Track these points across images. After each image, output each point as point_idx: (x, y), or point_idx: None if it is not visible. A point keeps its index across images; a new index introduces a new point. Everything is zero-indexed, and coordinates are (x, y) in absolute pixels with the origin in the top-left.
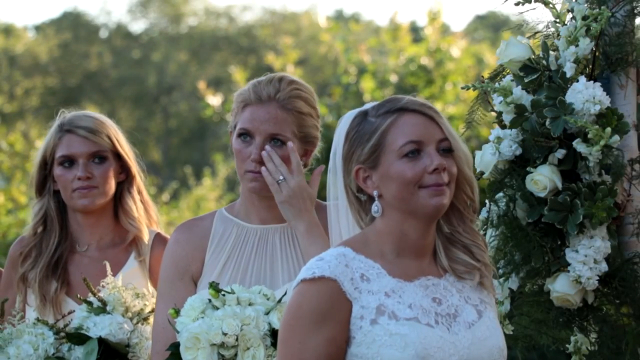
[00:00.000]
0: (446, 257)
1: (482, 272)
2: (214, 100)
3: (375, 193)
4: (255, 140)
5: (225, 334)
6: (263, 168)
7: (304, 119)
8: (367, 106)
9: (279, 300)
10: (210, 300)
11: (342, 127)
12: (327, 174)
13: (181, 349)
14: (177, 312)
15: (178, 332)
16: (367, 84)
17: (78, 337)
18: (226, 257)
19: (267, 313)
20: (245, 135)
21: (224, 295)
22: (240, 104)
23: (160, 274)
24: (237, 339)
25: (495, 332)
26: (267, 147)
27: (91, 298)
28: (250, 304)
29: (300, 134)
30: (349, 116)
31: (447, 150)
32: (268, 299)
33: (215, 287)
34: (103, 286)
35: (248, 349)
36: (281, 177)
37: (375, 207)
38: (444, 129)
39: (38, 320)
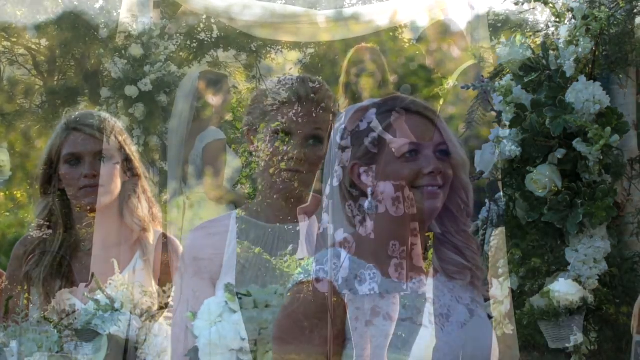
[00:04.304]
0: (437, 257)
1: (473, 272)
2: (214, 100)
3: (369, 190)
4: (294, 139)
5: (243, 339)
6: None
7: (330, 116)
8: (367, 102)
9: None
10: (227, 303)
11: (341, 121)
12: (324, 168)
13: (200, 354)
14: (194, 315)
15: (196, 336)
16: (367, 84)
17: (87, 334)
18: (245, 257)
19: None
20: (283, 134)
21: (240, 298)
22: (274, 104)
23: (177, 277)
24: (255, 344)
25: (487, 331)
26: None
27: (98, 295)
28: (267, 306)
29: (327, 132)
30: (349, 111)
31: (444, 153)
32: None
33: (230, 289)
34: (110, 283)
35: (267, 352)
36: None
37: (369, 204)
38: (443, 133)
39: (44, 318)
